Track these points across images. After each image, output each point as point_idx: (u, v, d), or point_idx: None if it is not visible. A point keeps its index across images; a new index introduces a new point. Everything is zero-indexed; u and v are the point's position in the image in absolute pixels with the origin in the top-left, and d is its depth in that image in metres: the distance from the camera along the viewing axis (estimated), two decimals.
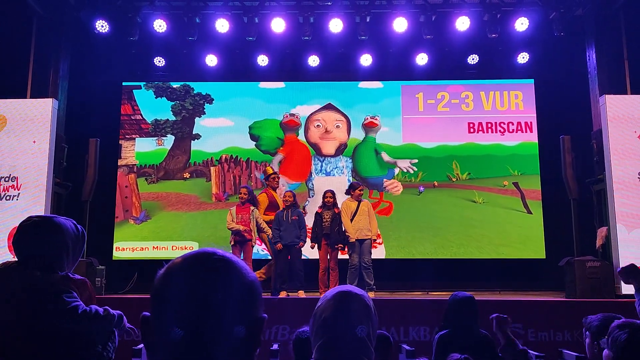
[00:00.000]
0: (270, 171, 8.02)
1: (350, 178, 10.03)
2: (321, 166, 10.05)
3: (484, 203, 9.64)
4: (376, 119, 10.18)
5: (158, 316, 0.95)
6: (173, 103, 10.16)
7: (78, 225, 2.31)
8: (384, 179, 10.05)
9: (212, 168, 10.03)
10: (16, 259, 2.20)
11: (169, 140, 10.10)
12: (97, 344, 2.11)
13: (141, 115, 10.12)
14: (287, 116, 10.39)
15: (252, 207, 7.29)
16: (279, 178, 8.21)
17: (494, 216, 9.56)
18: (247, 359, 0.97)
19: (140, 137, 10.05)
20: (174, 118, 10.14)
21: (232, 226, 7.17)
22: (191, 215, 9.80)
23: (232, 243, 7.17)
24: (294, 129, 10.28)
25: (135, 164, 9.95)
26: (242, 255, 7.13)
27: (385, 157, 10.06)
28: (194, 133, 10.11)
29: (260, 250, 8.75)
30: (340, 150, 10.20)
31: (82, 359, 2.05)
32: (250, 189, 7.51)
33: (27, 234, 2.19)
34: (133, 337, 2.43)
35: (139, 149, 10.00)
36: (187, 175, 10.02)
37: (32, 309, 2.01)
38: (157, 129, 10.13)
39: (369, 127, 10.17)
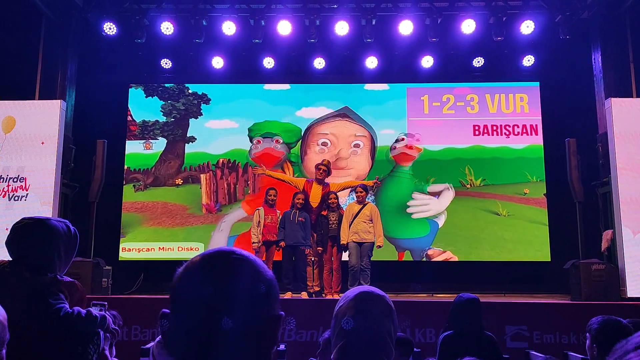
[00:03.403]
0: (325, 162, 7.58)
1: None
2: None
3: (509, 216, 9.25)
4: (410, 147, 8.85)
5: (176, 313, 0.98)
6: (163, 103, 9.80)
7: (71, 227, 2.34)
8: (428, 248, 9.03)
9: (202, 175, 9.49)
10: (9, 259, 2.25)
11: (160, 144, 9.67)
12: (77, 346, 2.13)
13: (131, 115, 9.79)
14: (259, 141, 9.23)
15: (277, 211, 7.31)
16: (326, 170, 7.42)
17: (524, 234, 9.14)
18: (263, 356, 0.99)
19: (128, 139, 9.68)
20: (164, 119, 9.75)
21: (255, 239, 7.17)
22: (172, 232, 9.29)
23: (260, 244, 7.16)
24: (275, 165, 9.31)
25: (124, 169, 9.59)
26: (266, 255, 7.17)
27: (436, 187, 8.85)
28: (188, 135, 9.70)
29: None
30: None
31: (60, 359, 2.08)
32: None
33: (18, 236, 2.24)
34: (117, 338, 2.46)
35: (131, 152, 9.62)
36: (179, 181, 9.54)
37: (18, 309, 2.05)
38: (145, 131, 9.66)
39: (401, 160, 9.03)
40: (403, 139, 9.47)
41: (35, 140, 7.69)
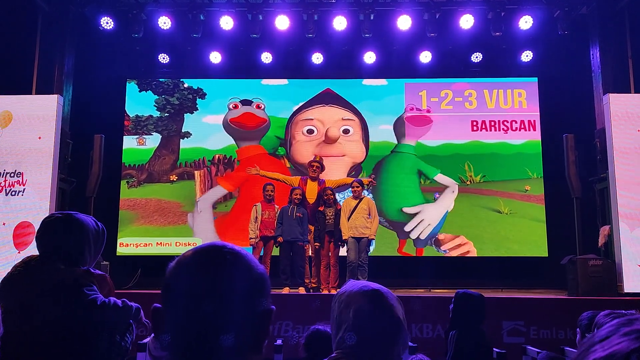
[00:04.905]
0: (318, 158, 7.56)
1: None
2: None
3: (511, 214, 9.14)
4: (428, 111, 8.50)
5: (168, 308, 0.98)
6: (157, 97, 9.67)
7: (99, 223, 2.39)
8: (437, 233, 8.82)
9: (196, 172, 9.32)
10: (38, 254, 2.28)
11: (154, 139, 9.54)
12: (116, 334, 2.17)
13: (125, 110, 9.72)
14: (236, 105, 8.87)
15: (276, 206, 7.31)
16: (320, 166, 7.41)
17: (527, 233, 9.04)
18: (254, 352, 0.99)
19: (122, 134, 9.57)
20: (157, 114, 9.63)
21: (253, 234, 7.16)
22: (162, 231, 9.16)
23: (257, 239, 7.15)
24: (255, 132, 9.16)
25: (122, 164, 9.48)
26: (263, 250, 7.18)
27: (443, 179, 8.65)
28: (183, 131, 9.56)
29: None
30: (352, 176, 8.58)
31: (100, 348, 2.12)
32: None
33: (49, 230, 2.27)
34: (148, 330, 2.47)
35: (124, 147, 9.51)
36: (174, 177, 9.40)
37: (54, 300, 2.08)
38: (138, 126, 9.53)
39: (417, 123, 8.82)
40: (412, 108, 9.29)
41: (32, 135, 7.67)
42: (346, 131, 9.22)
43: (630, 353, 0.54)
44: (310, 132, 9.17)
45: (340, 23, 8.48)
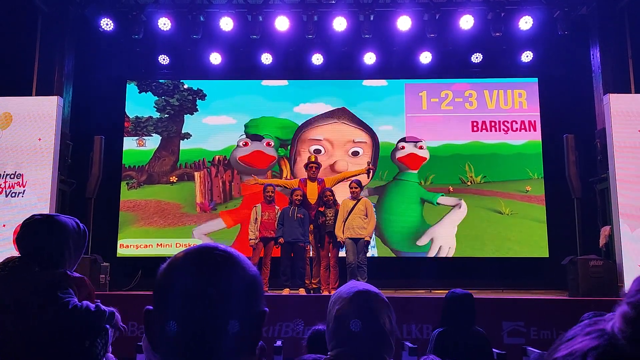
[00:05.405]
0: (313, 159, 7.59)
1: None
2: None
3: (512, 215, 9.13)
4: (421, 147, 8.65)
5: (160, 310, 0.97)
6: (157, 99, 9.68)
7: (80, 224, 2.36)
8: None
9: (196, 174, 9.31)
10: (19, 255, 2.25)
11: (154, 140, 9.54)
12: (85, 340, 2.12)
13: (124, 111, 9.70)
14: (246, 143, 8.93)
15: (277, 207, 7.31)
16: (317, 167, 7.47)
17: (528, 233, 9.01)
18: (248, 353, 0.98)
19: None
20: (157, 115, 9.63)
21: (252, 235, 7.14)
22: (163, 232, 9.15)
23: (257, 241, 7.13)
24: (264, 170, 8.93)
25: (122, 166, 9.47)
26: (264, 251, 7.17)
27: (446, 200, 8.59)
28: (183, 132, 9.57)
29: None
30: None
31: (68, 353, 2.07)
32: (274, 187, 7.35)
33: (29, 231, 2.25)
34: (124, 334, 2.43)
35: (124, 149, 9.51)
36: (174, 179, 9.39)
37: (26, 303, 2.06)
38: (138, 128, 9.53)
39: (405, 163, 8.74)
40: (404, 147, 9.27)
41: (32, 137, 7.67)
42: (355, 153, 9.17)
43: (588, 351, 0.57)
44: (317, 152, 9.11)
45: (340, 24, 8.48)
